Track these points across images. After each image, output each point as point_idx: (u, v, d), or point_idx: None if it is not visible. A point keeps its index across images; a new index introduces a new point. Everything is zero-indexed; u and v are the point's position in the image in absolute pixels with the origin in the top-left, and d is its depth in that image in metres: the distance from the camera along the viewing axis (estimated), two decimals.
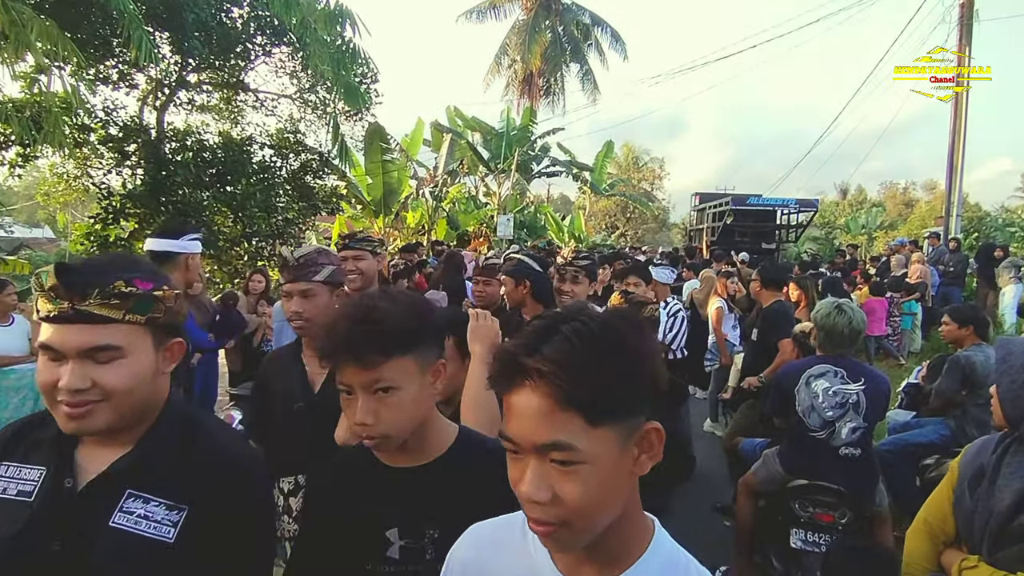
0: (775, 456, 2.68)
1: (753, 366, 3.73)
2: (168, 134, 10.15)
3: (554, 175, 21.36)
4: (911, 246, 10.68)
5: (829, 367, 2.59)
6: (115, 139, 9.46)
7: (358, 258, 2.30)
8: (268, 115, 10.98)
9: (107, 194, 9.00)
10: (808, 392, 2.56)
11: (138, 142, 9.60)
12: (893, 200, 42.54)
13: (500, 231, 14.60)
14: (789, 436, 2.65)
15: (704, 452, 5.12)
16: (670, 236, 38.88)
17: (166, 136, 10.10)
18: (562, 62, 22.62)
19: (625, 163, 33.61)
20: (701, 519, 3.84)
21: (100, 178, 9.34)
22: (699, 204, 17.67)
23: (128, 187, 9.33)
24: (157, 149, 9.67)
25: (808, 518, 2.48)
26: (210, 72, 10.77)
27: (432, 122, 17.74)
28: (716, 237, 15.10)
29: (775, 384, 2.74)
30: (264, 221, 10.45)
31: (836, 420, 2.49)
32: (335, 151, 10.06)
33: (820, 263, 13.76)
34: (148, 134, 9.77)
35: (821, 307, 2.67)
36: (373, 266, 2.42)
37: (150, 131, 9.86)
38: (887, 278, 8.93)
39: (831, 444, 2.49)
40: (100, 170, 9.51)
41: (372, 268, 2.41)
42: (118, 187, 9.40)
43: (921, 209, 36.91)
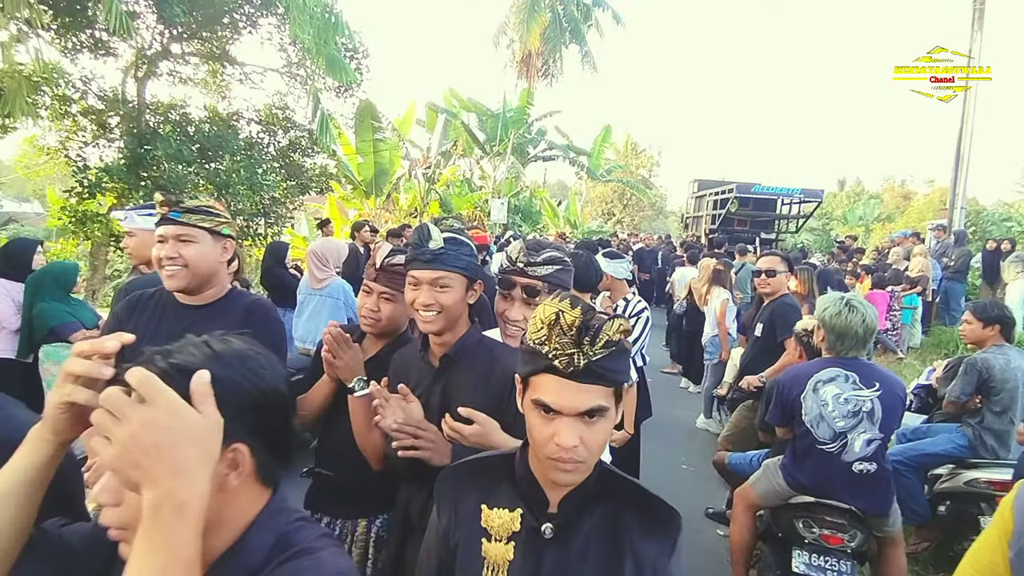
0: (777, 468, 2.41)
1: (754, 365, 3.44)
2: (151, 107, 9.76)
3: (551, 159, 20.91)
4: (914, 238, 10.41)
5: (839, 371, 2.30)
6: (96, 111, 9.10)
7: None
8: (253, 88, 10.53)
9: (83, 167, 8.61)
10: (816, 399, 2.28)
11: (120, 115, 9.23)
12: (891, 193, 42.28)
13: (494, 215, 14.28)
14: (794, 448, 2.36)
15: (697, 451, 4.89)
16: (667, 224, 38.57)
17: (148, 108, 9.72)
18: (561, 43, 22.06)
19: (624, 149, 33.13)
20: (692, 525, 3.60)
21: (78, 151, 8.93)
22: (698, 191, 17.30)
23: (105, 161, 8.95)
24: (138, 122, 9.31)
25: (814, 539, 2.22)
26: (195, 43, 10.36)
27: (427, 102, 17.28)
28: (716, 225, 14.79)
29: (778, 390, 2.44)
30: (249, 199, 10.12)
31: (848, 431, 2.21)
32: (316, 125, 9.61)
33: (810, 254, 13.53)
34: (129, 106, 9.37)
35: (828, 304, 2.36)
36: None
37: (131, 104, 9.47)
38: (887, 271, 8.69)
39: (843, 459, 2.22)
40: (77, 142, 9.11)
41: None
42: (96, 160, 9.03)
43: (919, 202, 36.70)
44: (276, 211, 11.24)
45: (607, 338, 0.88)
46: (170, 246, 1.64)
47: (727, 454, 3.06)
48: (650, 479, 4.23)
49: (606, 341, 0.88)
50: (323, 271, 3.97)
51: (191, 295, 1.71)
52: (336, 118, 12.74)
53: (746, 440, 3.23)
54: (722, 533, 3.41)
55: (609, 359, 0.88)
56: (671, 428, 5.43)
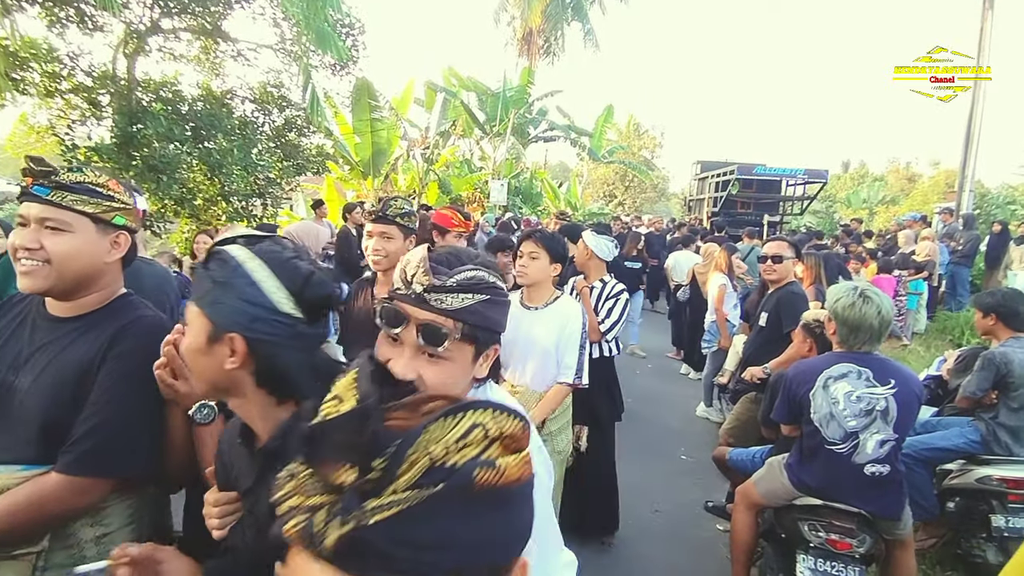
0: (783, 467, 2.27)
1: (758, 355, 3.28)
2: (142, 84, 9.52)
3: (551, 140, 20.58)
4: (921, 222, 10.21)
5: (852, 367, 2.13)
6: (87, 88, 8.87)
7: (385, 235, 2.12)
8: (246, 65, 10.29)
9: (72, 146, 8.41)
10: (826, 397, 2.13)
11: (111, 92, 9.01)
12: (896, 175, 41.79)
13: (493, 197, 14.06)
14: (800, 447, 2.22)
15: (696, 440, 4.78)
16: (669, 206, 38.23)
17: (139, 85, 9.48)
18: (563, 20, 21.58)
19: (626, 130, 32.67)
20: (690, 518, 3.51)
21: (65, 129, 8.72)
22: (700, 172, 17.02)
23: (94, 140, 8.75)
24: (128, 100, 9.08)
25: (820, 543, 2.10)
26: (187, 18, 10.07)
27: (426, 81, 16.94)
28: (718, 208, 14.57)
29: (784, 386, 2.25)
30: (243, 180, 9.94)
31: (860, 431, 2.07)
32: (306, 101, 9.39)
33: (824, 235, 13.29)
34: (120, 83, 9.14)
35: (840, 295, 2.19)
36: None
37: (121, 81, 9.23)
38: (893, 255, 8.51)
39: (854, 460, 2.07)
40: (67, 120, 8.90)
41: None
42: (85, 140, 8.82)
43: (924, 185, 36.28)
44: (272, 192, 11.05)
45: None
46: (30, 232, 1.18)
47: (728, 449, 2.92)
48: (648, 470, 4.13)
49: None
50: None
51: (60, 300, 1.26)
52: (332, 97, 12.50)
53: (748, 434, 3.09)
54: (722, 528, 3.30)
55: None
56: (670, 416, 5.33)
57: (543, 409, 2.35)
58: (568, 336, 2.39)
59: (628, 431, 3.18)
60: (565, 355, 2.38)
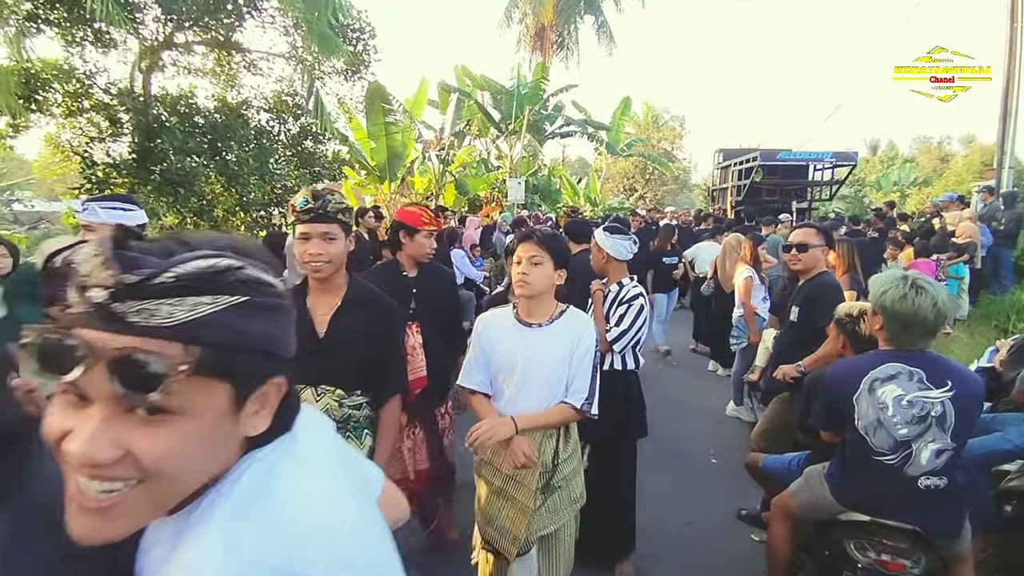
0: (823, 478, 2.06)
1: (790, 353, 3.05)
2: (159, 99, 9.62)
3: (568, 135, 20.33)
4: (959, 202, 9.72)
5: (902, 367, 1.88)
6: (107, 106, 9.00)
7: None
8: (256, 75, 10.32)
9: (90, 163, 8.53)
10: (873, 401, 1.88)
11: (130, 109, 9.12)
12: (927, 155, 40.39)
13: (511, 195, 13.90)
14: (844, 456, 1.99)
15: (726, 442, 4.55)
16: (691, 197, 37.56)
17: (156, 100, 9.58)
18: (576, 14, 21.31)
19: (644, 122, 32.15)
20: (724, 529, 3.29)
21: (84, 146, 8.85)
22: (723, 161, 16.59)
23: (113, 156, 8.86)
24: (145, 115, 9.18)
25: (869, 564, 1.88)
26: (200, 31, 10.15)
27: (439, 82, 16.86)
28: (742, 196, 14.17)
29: (823, 389, 2.02)
30: (260, 189, 10.00)
31: (913, 440, 1.84)
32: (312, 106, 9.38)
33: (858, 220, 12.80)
34: (137, 99, 9.25)
35: (887, 284, 1.93)
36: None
37: (138, 96, 9.33)
38: (931, 237, 8.10)
39: (906, 472, 1.84)
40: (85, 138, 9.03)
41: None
42: (103, 156, 8.94)
43: (958, 164, 34.96)
44: (287, 199, 11.11)
45: None
46: None
47: (762, 456, 2.70)
48: (676, 475, 3.91)
49: None
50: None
51: None
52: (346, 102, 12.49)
53: (782, 438, 2.87)
54: (757, 539, 3.08)
55: None
56: (698, 416, 5.09)
57: (535, 420, 1.96)
58: (581, 357, 2.00)
59: (653, 434, 2.95)
60: (575, 378, 2.00)
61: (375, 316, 1.92)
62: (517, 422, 1.93)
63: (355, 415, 1.90)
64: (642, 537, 2.95)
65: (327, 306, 1.89)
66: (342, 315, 1.88)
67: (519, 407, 1.99)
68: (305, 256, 1.79)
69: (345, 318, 1.88)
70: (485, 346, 2.07)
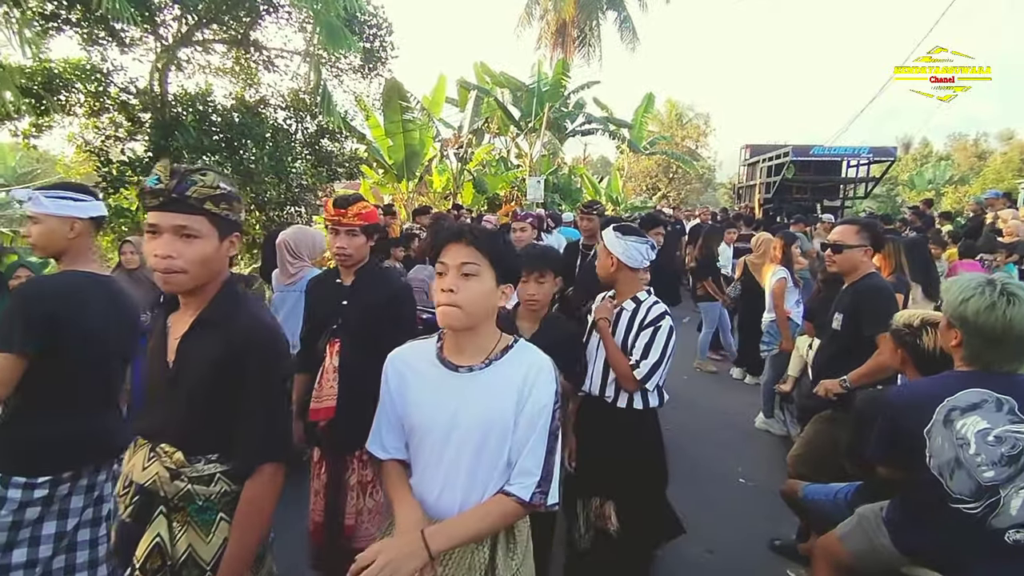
0: (881, 522, 1.74)
1: (832, 366, 2.70)
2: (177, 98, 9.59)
3: (589, 133, 19.94)
4: (1004, 199, 9.14)
5: (988, 394, 1.55)
6: (128, 105, 9.02)
7: None
8: (272, 72, 10.25)
9: (105, 161, 8.52)
10: (951, 436, 1.55)
11: (150, 108, 9.12)
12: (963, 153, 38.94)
13: (530, 194, 13.61)
14: (908, 498, 1.66)
15: (756, 459, 4.20)
16: (716, 196, 36.80)
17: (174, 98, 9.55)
18: (598, 9, 20.92)
19: (668, 119, 31.56)
20: (753, 560, 2.95)
21: (100, 144, 8.87)
22: (750, 158, 16.05)
23: (128, 154, 8.86)
24: (162, 113, 9.16)
25: None
26: (218, 29, 10.10)
27: (458, 79, 16.65)
28: (771, 194, 13.64)
29: (887, 414, 1.68)
30: (276, 188, 9.92)
31: (1001, 485, 1.50)
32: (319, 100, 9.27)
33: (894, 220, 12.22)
34: (155, 97, 9.24)
35: (968, 291, 1.57)
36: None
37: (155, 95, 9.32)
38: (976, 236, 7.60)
39: (991, 524, 1.51)
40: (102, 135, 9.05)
41: None
42: (118, 155, 8.94)
43: (996, 161, 33.64)
44: (305, 199, 11.02)
45: None
46: None
47: (801, 484, 2.37)
48: (698, 495, 3.53)
49: None
50: (295, 263, 3.43)
51: None
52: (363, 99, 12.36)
53: (824, 463, 2.54)
54: (793, 575, 2.75)
55: None
56: (724, 429, 4.74)
57: (458, 529, 1.25)
58: (533, 418, 1.32)
59: (674, 449, 2.65)
60: (524, 451, 1.31)
61: (225, 343, 1.33)
62: (429, 540, 1.20)
63: (199, 491, 1.34)
64: (657, 565, 2.64)
65: (184, 325, 1.40)
66: (190, 340, 1.37)
67: (436, 489, 1.34)
68: (150, 259, 1.31)
69: (193, 344, 1.37)
70: (395, 397, 1.42)
